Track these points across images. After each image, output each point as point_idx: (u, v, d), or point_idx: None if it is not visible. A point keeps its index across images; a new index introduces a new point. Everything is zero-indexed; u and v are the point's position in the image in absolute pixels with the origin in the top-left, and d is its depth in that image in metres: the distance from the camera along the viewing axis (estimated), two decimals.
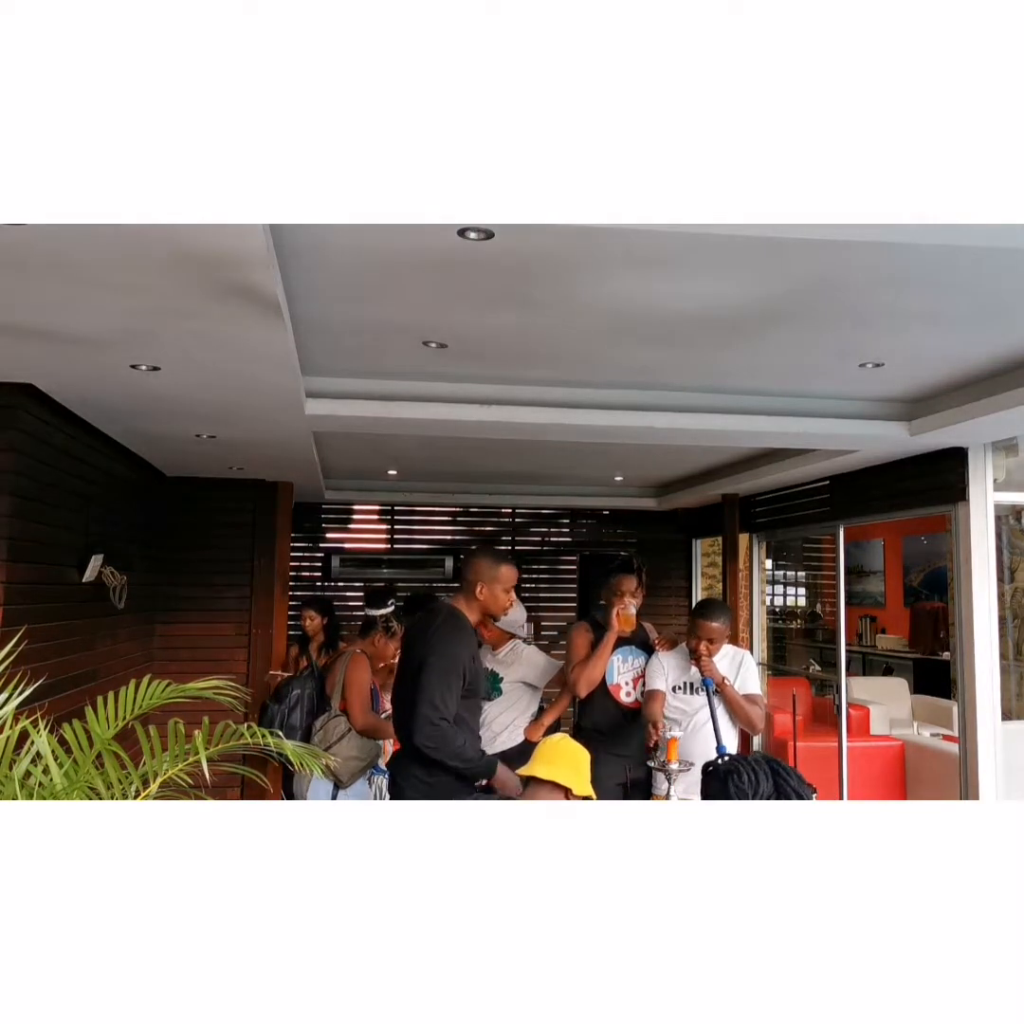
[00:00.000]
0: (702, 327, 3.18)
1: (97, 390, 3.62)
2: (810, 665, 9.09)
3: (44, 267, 2.27)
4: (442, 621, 3.41)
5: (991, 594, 4.80)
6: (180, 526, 6.28)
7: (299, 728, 4.65)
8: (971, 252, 2.40)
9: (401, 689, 3.44)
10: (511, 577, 3.54)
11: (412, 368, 3.85)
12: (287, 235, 2.34)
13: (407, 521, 8.47)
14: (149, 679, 2.51)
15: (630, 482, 7.76)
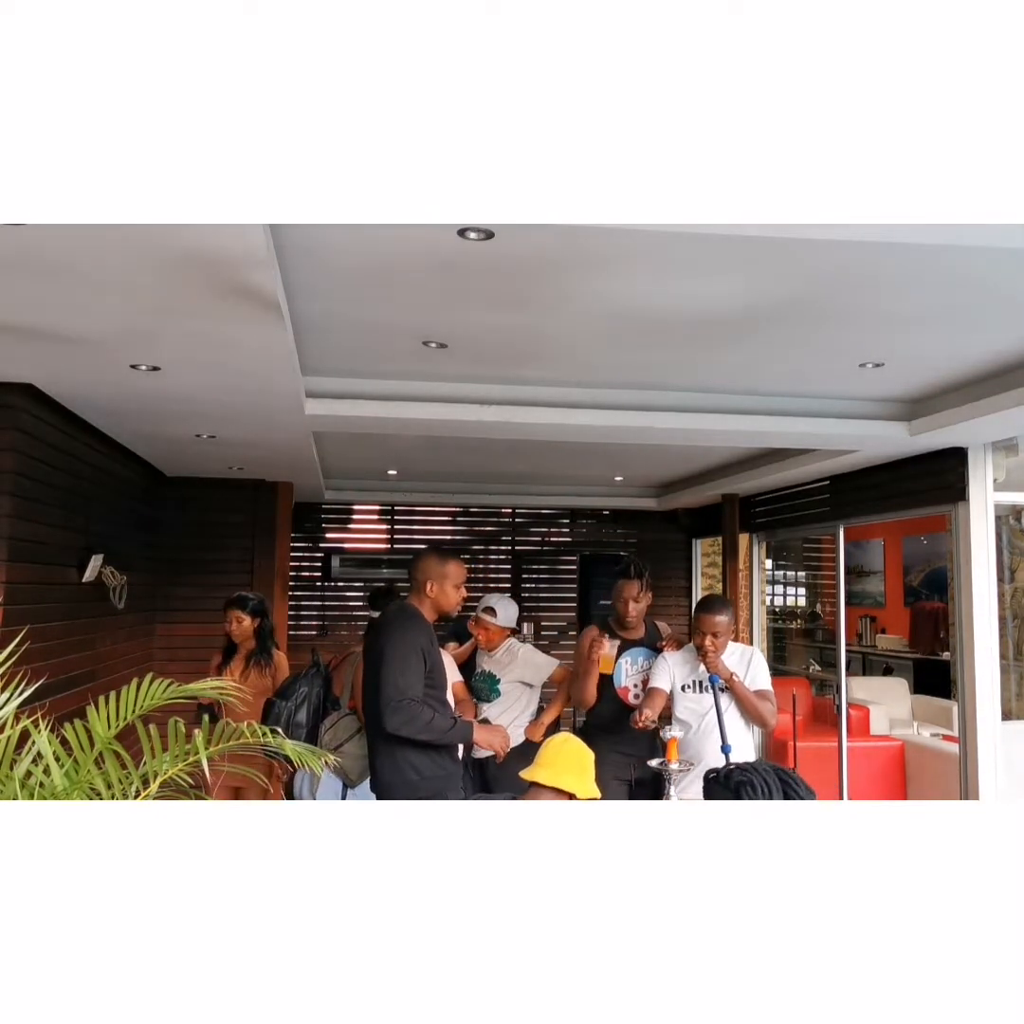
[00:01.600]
0: (702, 327, 3.18)
1: (97, 390, 3.62)
2: (810, 665, 9.09)
3: (44, 267, 2.27)
4: (394, 616, 3.51)
5: (991, 594, 4.80)
6: (180, 526, 6.28)
7: (305, 726, 4.64)
8: (971, 252, 2.40)
9: (366, 688, 3.48)
10: (459, 574, 3.58)
11: (412, 368, 3.85)
12: (287, 235, 2.34)
13: (407, 521, 8.47)
14: (151, 678, 2.51)
15: (630, 482, 7.77)
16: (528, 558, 8.52)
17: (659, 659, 4.11)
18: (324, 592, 8.13)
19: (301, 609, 8.00)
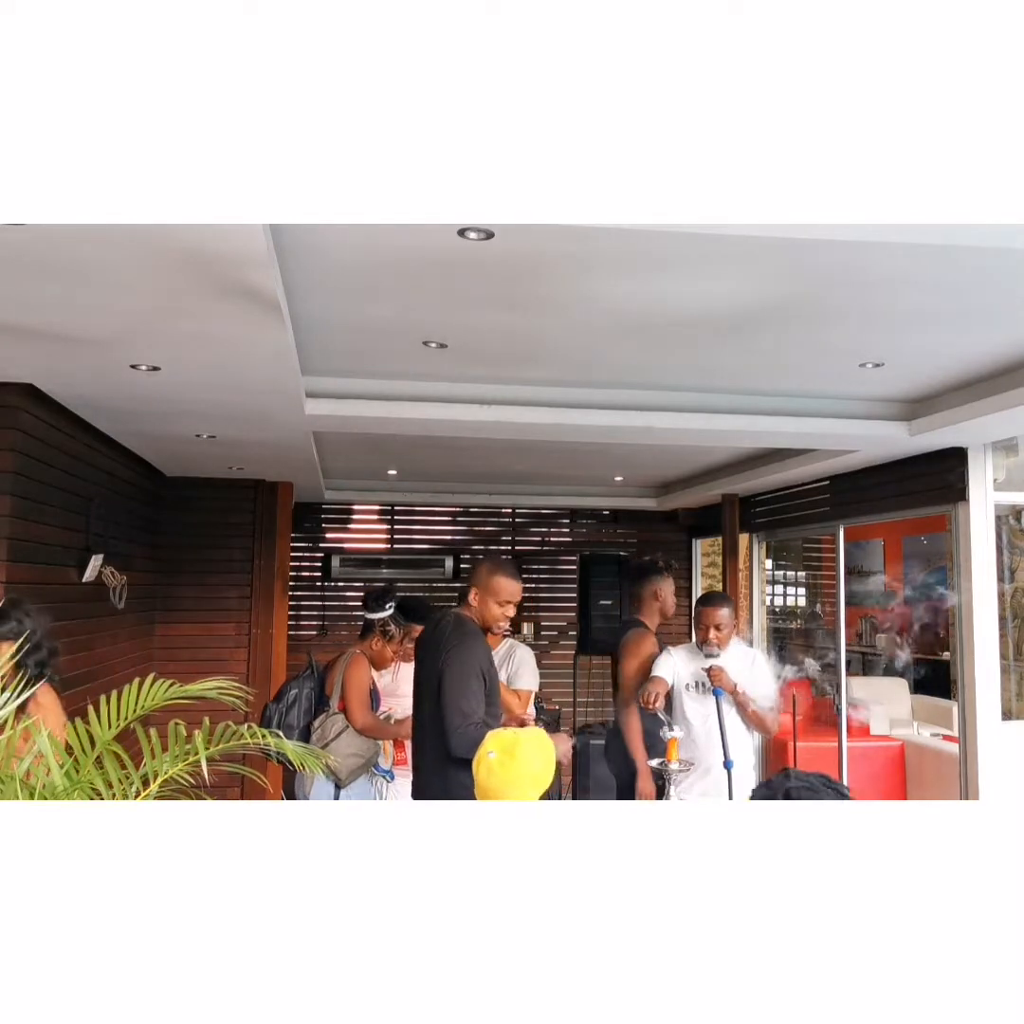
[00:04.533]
0: (702, 327, 3.18)
1: (97, 390, 3.62)
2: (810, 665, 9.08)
3: (44, 267, 2.27)
4: (451, 631, 3.32)
5: (991, 594, 4.80)
6: (180, 526, 6.28)
7: (296, 728, 4.65)
8: (971, 252, 2.40)
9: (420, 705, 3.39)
10: (506, 590, 3.34)
11: (412, 368, 3.85)
12: (287, 235, 2.34)
13: (407, 521, 8.46)
14: (152, 678, 2.51)
15: (630, 482, 7.76)
16: (528, 558, 8.52)
17: (664, 653, 4.12)
18: (324, 592, 8.12)
19: (301, 609, 8.00)
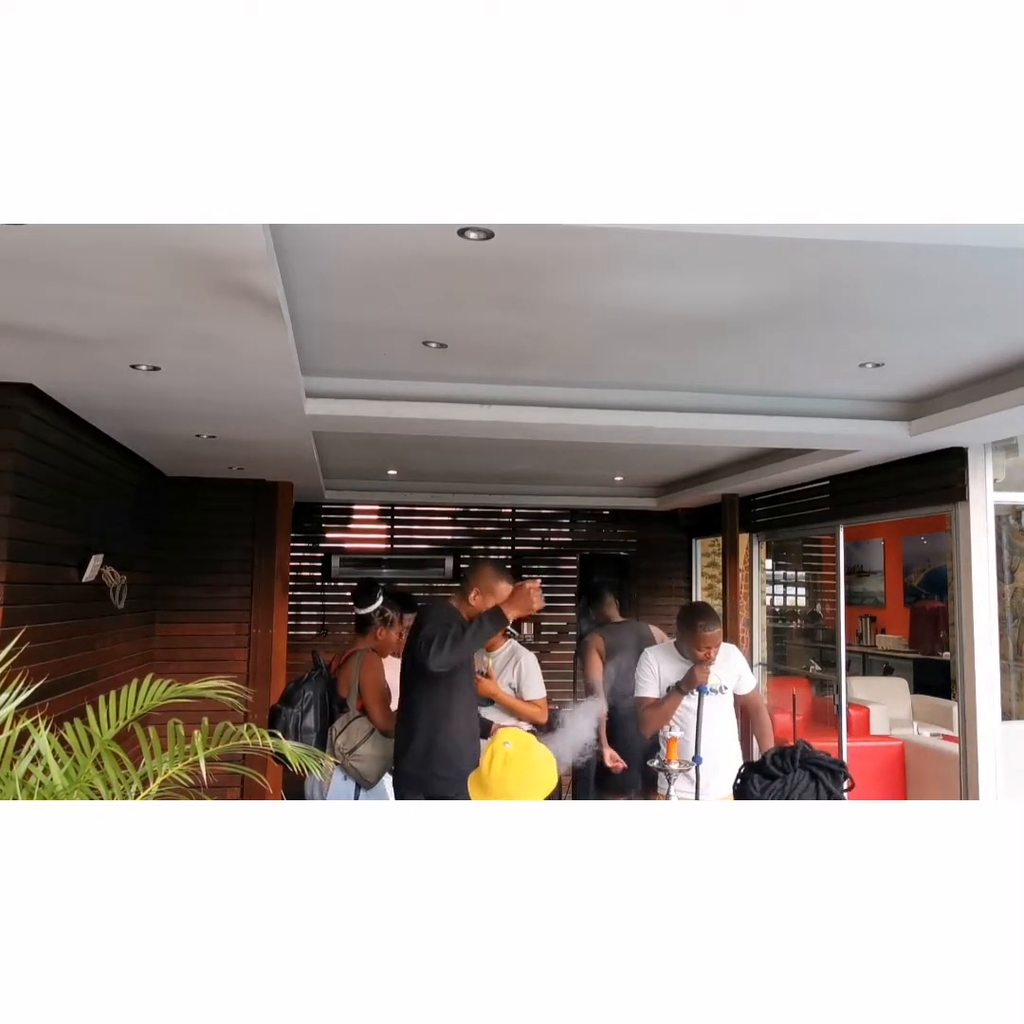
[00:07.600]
0: (702, 327, 3.18)
1: (97, 390, 3.62)
2: (810, 665, 9.08)
3: (44, 267, 2.27)
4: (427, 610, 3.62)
5: (991, 594, 4.80)
6: (180, 526, 6.28)
7: (314, 731, 4.63)
8: (971, 252, 2.40)
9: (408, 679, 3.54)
10: (506, 595, 3.56)
11: (412, 368, 3.85)
12: (287, 235, 2.34)
13: (407, 521, 8.46)
14: (151, 678, 2.51)
15: (630, 482, 7.76)
16: (528, 558, 8.52)
17: (643, 661, 4.09)
18: (324, 592, 8.12)
19: (301, 609, 8.00)
